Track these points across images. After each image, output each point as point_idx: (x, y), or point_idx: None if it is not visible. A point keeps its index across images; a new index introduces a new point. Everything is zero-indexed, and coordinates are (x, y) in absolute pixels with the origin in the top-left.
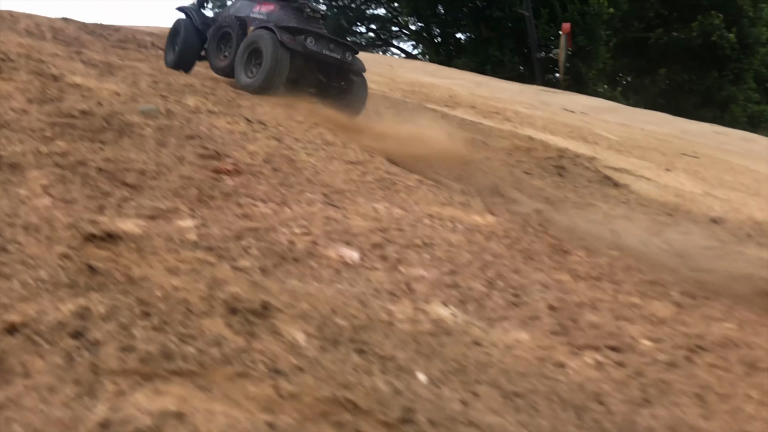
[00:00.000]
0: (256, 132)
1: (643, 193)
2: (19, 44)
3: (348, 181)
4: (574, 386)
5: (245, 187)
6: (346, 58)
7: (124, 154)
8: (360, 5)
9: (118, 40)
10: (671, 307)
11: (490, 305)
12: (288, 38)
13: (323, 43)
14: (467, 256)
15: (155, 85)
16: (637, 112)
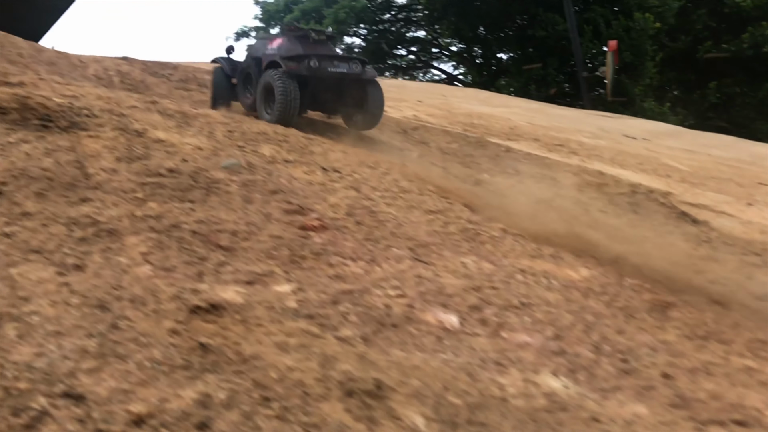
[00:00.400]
0: (334, 182)
1: (725, 230)
2: (98, 96)
3: (431, 233)
4: None
5: (333, 244)
6: (354, 70)
7: (214, 213)
8: (400, 28)
9: (179, 80)
10: None
11: (600, 374)
12: (293, 66)
13: (327, 61)
14: (568, 317)
15: (231, 135)
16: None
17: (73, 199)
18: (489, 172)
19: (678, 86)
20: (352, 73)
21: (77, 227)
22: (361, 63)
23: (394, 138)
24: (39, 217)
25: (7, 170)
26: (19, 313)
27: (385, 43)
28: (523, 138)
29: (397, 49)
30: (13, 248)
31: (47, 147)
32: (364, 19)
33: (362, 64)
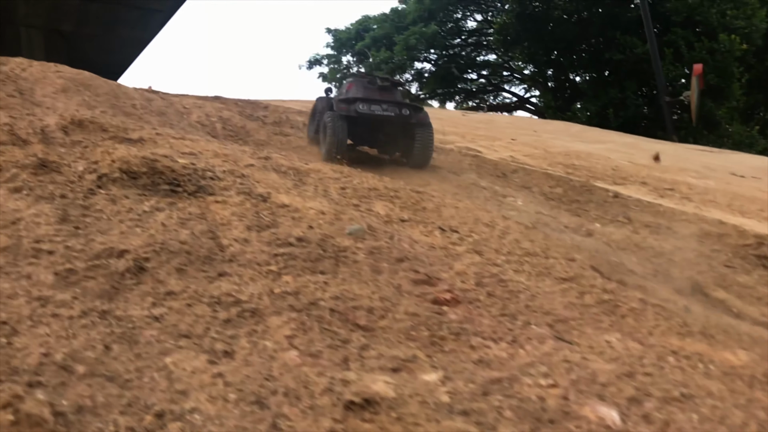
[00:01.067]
0: (455, 245)
1: None
2: (215, 154)
3: (568, 306)
4: None
5: (469, 321)
6: (403, 114)
7: (347, 288)
8: (470, 52)
9: (273, 122)
10: None
11: None
12: (343, 107)
13: (376, 105)
14: (738, 414)
15: (344, 192)
16: None
17: (212, 273)
18: (599, 221)
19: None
20: (399, 117)
21: (220, 307)
22: (412, 109)
23: (495, 183)
24: (183, 296)
25: (149, 245)
26: (181, 411)
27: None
28: (629, 181)
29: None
30: (164, 333)
31: (180, 216)
32: (435, 45)
33: (414, 109)
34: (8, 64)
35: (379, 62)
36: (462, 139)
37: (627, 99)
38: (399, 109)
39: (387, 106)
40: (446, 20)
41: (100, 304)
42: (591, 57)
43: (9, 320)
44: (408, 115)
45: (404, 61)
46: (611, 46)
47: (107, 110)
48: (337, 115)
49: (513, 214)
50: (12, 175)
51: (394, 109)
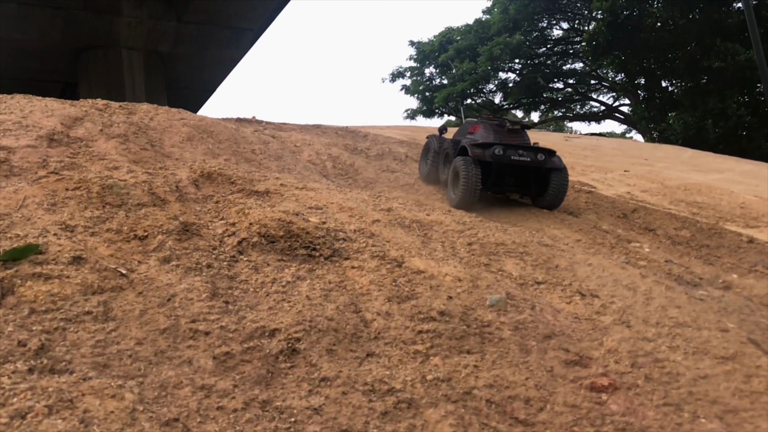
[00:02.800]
0: (600, 314)
1: None
2: (340, 207)
3: (735, 393)
4: None
5: (632, 413)
6: (538, 159)
7: (499, 373)
8: (556, 61)
9: (376, 155)
10: None
11: None
12: (478, 153)
13: (512, 150)
14: None
15: (470, 248)
16: None
17: (360, 354)
18: (736, 271)
19: None
20: (535, 162)
21: (375, 396)
22: (547, 153)
23: (617, 225)
24: (337, 382)
25: (298, 323)
26: None
27: (540, 77)
28: (763, 222)
29: (553, 82)
30: (325, 428)
31: (322, 287)
32: (520, 54)
33: (548, 154)
34: (137, 113)
35: (462, 73)
36: (571, 170)
37: (728, 109)
38: (534, 153)
39: (523, 151)
40: (531, 29)
41: (259, 392)
42: (687, 65)
43: (180, 416)
44: (543, 160)
45: (488, 72)
46: (710, 54)
47: (230, 158)
48: (471, 160)
49: (643, 264)
50: (159, 243)
51: (530, 154)
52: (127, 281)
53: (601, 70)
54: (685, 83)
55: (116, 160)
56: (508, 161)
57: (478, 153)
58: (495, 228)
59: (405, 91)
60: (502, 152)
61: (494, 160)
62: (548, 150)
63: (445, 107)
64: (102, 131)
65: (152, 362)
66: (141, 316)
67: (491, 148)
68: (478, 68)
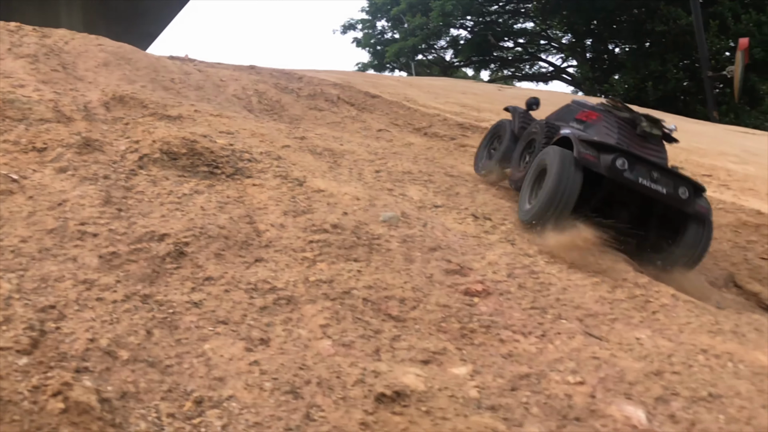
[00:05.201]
0: (488, 233)
1: None
2: (252, 133)
3: (599, 300)
4: None
5: (500, 313)
6: (675, 195)
7: (380, 277)
8: (507, 20)
9: (308, 96)
10: None
11: None
12: (588, 154)
13: (642, 169)
14: (766, 415)
15: (378, 176)
16: None
17: (249, 259)
18: None
19: None
20: (672, 198)
21: (257, 294)
22: (692, 188)
23: None
24: (221, 282)
25: (188, 229)
26: (219, 398)
27: (491, 35)
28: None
29: (503, 41)
30: (203, 319)
31: (219, 200)
32: (471, 11)
33: (694, 190)
34: (52, 37)
35: (414, 28)
36: (496, 116)
37: (667, 72)
38: (674, 184)
39: (659, 175)
40: None
41: (142, 288)
42: (632, 28)
43: (57, 304)
44: (685, 200)
45: (440, 28)
46: (654, 17)
47: (147, 85)
48: (572, 159)
49: None
50: (57, 155)
51: (668, 183)
52: (18, 186)
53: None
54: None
55: (23, 79)
56: (631, 184)
57: (587, 155)
58: (407, 159)
59: (357, 44)
60: (627, 167)
61: (610, 176)
62: (694, 183)
63: (396, 62)
64: (10, 50)
65: (35, 258)
66: (29, 218)
67: (611, 155)
68: (430, 23)
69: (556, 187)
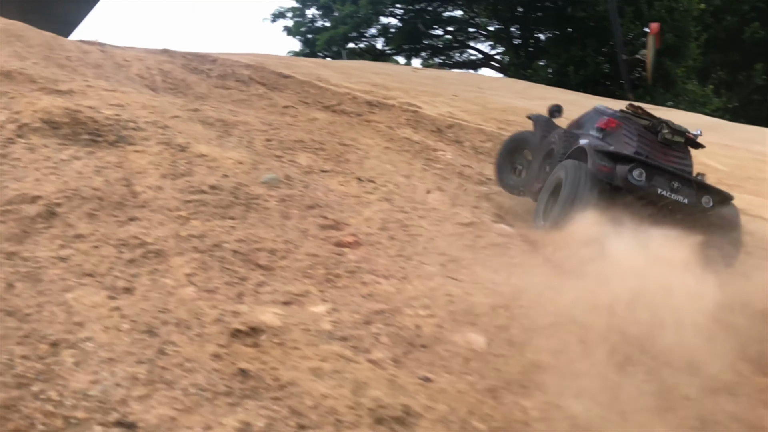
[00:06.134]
0: (369, 193)
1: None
2: (143, 105)
3: (463, 248)
4: None
5: (367, 261)
6: (702, 204)
7: (253, 231)
8: (437, 8)
9: (218, 76)
10: None
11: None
12: (602, 166)
13: (661, 179)
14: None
15: (269, 144)
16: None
17: (122, 218)
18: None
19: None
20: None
21: (126, 249)
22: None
23: (429, 138)
24: (91, 239)
25: (61, 191)
26: (75, 340)
27: (421, 23)
28: None
29: (433, 29)
30: (68, 272)
31: (97, 164)
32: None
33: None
34: None
35: (344, 16)
36: (405, 95)
37: (587, 57)
38: (697, 193)
39: (679, 185)
40: None
41: (8, 246)
42: (554, 14)
43: None
44: (709, 208)
45: (370, 16)
46: (574, 4)
47: (39, 62)
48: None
49: (440, 167)
50: None
51: (690, 193)
52: None
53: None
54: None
55: None
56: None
57: (602, 167)
58: (300, 129)
59: (287, 32)
60: (644, 178)
61: (626, 187)
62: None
63: (327, 50)
64: None
65: None
66: None
67: (627, 166)
68: (360, 11)
69: (569, 201)
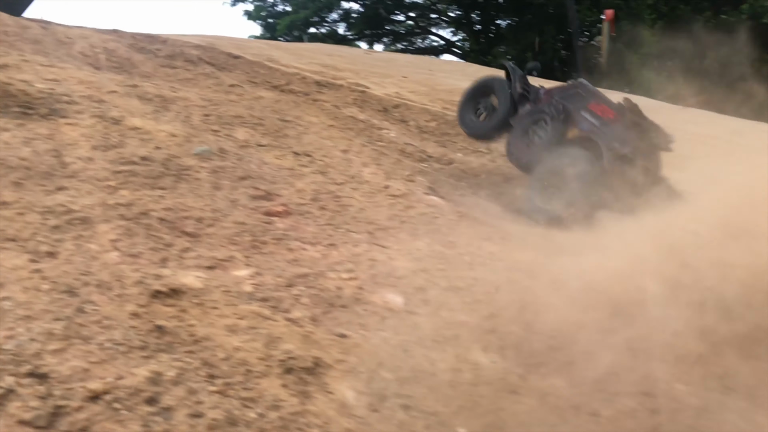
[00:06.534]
0: (304, 166)
1: None
2: (80, 81)
3: (392, 217)
4: None
5: (295, 229)
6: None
7: (182, 201)
8: None
9: (166, 56)
10: None
11: (527, 350)
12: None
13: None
14: (506, 297)
15: (206, 119)
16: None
17: (50, 187)
18: (463, 152)
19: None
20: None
21: (52, 216)
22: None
23: (374, 117)
24: (16, 206)
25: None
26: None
27: (383, 9)
28: None
29: (395, 14)
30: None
31: (26, 135)
32: None
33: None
34: None
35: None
36: (355, 75)
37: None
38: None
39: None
40: None
41: None
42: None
43: None
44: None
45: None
46: None
47: None
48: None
49: (382, 144)
50: None
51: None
52: None
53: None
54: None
55: None
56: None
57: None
58: (241, 106)
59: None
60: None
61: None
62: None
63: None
64: None
65: None
66: None
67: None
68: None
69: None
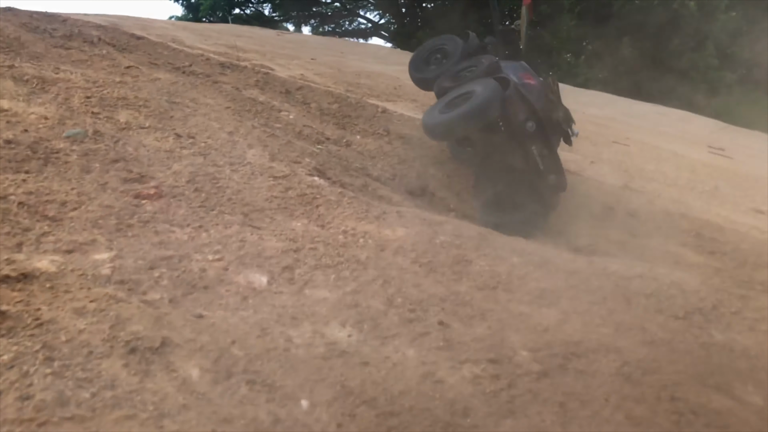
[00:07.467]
0: (184, 149)
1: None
2: None
3: (270, 199)
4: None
5: (164, 212)
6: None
7: (46, 185)
8: None
9: (62, 36)
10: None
11: (385, 323)
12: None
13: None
14: (372, 273)
15: (88, 102)
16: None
17: None
18: (361, 134)
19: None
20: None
21: None
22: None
23: (275, 98)
24: None
25: None
26: None
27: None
28: (403, 99)
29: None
30: None
31: None
32: None
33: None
34: None
35: None
36: (261, 57)
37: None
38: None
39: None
40: None
41: None
42: None
43: None
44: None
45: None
46: None
47: None
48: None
49: (279, 126)
50: None
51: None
52: None
53: None
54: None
55: None
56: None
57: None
58: (128, 88)
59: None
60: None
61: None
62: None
63: (213, 16)
64: None
65: None
66: None
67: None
68: None
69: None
